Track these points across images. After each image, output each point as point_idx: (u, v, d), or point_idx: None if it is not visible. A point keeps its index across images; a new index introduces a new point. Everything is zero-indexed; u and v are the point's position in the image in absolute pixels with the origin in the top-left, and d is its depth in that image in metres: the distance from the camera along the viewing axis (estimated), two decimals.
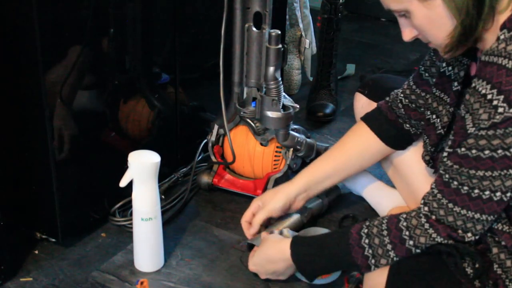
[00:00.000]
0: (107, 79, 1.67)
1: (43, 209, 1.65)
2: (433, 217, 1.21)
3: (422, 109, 1.50)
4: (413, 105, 1.52)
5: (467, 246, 1.22)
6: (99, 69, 1.64)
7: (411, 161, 1.61)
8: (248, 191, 1.88)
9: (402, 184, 1.67)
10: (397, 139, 1.58)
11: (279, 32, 1.71)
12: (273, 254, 1.45)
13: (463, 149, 1.17)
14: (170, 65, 1.86)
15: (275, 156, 1.86)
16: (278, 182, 1.85)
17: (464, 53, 1.25)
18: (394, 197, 1.74)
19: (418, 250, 1.24)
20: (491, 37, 1.19)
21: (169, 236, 1.72)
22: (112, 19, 1.61)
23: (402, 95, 1.54)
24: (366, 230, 1.28)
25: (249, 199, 1.89)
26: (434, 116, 1.43)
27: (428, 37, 1.24)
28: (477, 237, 1.22)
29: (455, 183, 1.19)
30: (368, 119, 1.60)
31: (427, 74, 1.49)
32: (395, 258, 1.26)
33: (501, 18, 1.17)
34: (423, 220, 1.23)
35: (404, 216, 1.25)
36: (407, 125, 1.55)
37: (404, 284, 1.26)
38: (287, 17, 2.48)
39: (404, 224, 1.24)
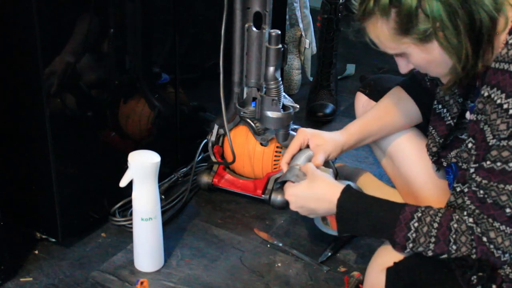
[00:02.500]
0: (107, 79, 1.67)
1: (43, 209, 1.65)
2: (478, 229, 1.18)
3: None
4: (436, 82, 1.52)
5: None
6: (99, 69, 1.64)
7: (412, 160, 1.61)
8: (248, 191, 1.88)
9: (402, 184, 1.67)
10: (428, 107, 1.55)
11: (279, 32, 1.71)
12: (322, 193, 1.37)
13: (488, 162, 1.16)
14: (170, 65, 1.86)
15: (275, 156, 1.86)
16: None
17: None
18: (394, 197, 1.74)
19: (455, 254, 1.21)
20: (489, 56, 1.19)
21: (169, 236, 1.72)
22: (112, 19, 1.61)
23: None
24: (419, 214, 1.24)
25: (249, 199, 1.89)
26: (440, 106, 1.43)
27: (426, 72, 1.26)
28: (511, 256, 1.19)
29: (490, 198, 1.17)
30: (405, 85, 1.59)
31: None
32: (430, 253, 1.23)
33: (501, 37, 1.17)
34: (470, 231, 1.20)
35: (457, 217, 1.22)
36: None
37: (403, 286, 1.26)
38: (287, 17, 2.48)
39: (455, 226, 1.21)
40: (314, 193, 1.39)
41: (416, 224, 1.23)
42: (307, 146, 1.58)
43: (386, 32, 1.19)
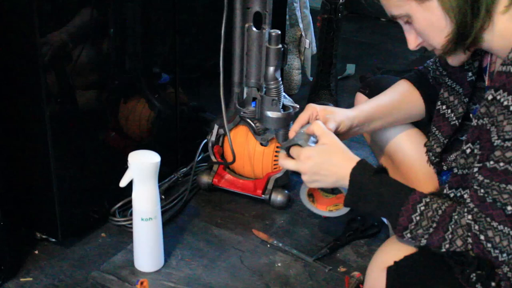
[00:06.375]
0: (107, 79, 1.67)
1: (43, 209, 1.65)
2: (476, 227, 1.19)
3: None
4: (438, 80, 1.53)
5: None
6: (99, 69, 1.64)
7: (411, 159, 1.61)
8: (248, 191, 1.88)
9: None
10: (433, 103, 1.55)
11: (279, 32, 1.71)
12: (338, 161, 1.34)
13: (491, 162, 1.16)
14: (170, 65, 1.87)
15: (275, 156, 1.86)
16: (278, 182, 1.86)
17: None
18: None
19: (448, 246, 1.21)
20: (489, 37, 1.20)
21: (169, 236, 1.72)
22: (112, 19, 1.61)
23: (431, 67, 1.55)
24: (428, 200, 1.24)
25: (249, 199, 1.90)
26: (444, 107, 1.43)
27: (430, 41, 1.25)
28: (510, 257, 1.19)
29: (490, 197, 1.17)
30: (411, 79, 1.59)
31: None
32: (427, 237, 1.23)
33: (502, 19, 1.18)
34: (468, 227, 1.20)
35: (458, 209, 1.22)
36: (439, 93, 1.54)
37: (404, 286, 1.26)
38: (287, 17, 2.48)
39: (456, 217, 1.21)
40: (331, 158, 1.36)
41: (422, 208, 1.24)
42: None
43: None
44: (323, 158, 1.36)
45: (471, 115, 1.39)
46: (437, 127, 1.46)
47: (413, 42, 1.28)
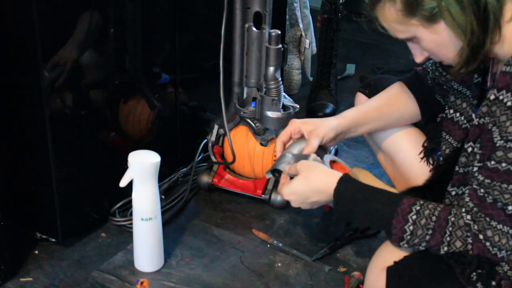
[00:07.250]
0: (107, 79, 1.67)
1: (43, 209, 1.65)
2: (475, 227, 1.19)
3: (445, 87, 1.51)
4: (438, 81, 1.53)
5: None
6: (99, 69, 1.64)
7: (412, 160, 1.61)
8: (248, 191, 1.88)
9: (402, 184, 1.67)
10: (428, 106, 1.56)
11: (279, 32, 1.71)
12: (319, 185, 1.36)
13: (492, 162, 1.17)
14: (170, 65, 1.87)
15: (275, 156, 1.85)
16: (278, 182, 1.85)
17: None
18: None
19: (447, 249, 1.22)
20: (500, 50, 1.20)
21: (169, 236, 1.72)
22: (112, 19, 1.61)
23: (430, 68, 1.55)
24: (418, 208, 1.23)
25: (249, 199, 1.89)
26: (451, 111, 1.43)
27: (439, 58, 1.25)
28: (508, 253, 1.20)
29: (490, 197, 1.17)
30: (407, 81, 1.59)
31: None
32: (424, 244, 1.23)
33: (509, 28, 1.18)
34: (467, 228, 1.20)
35: (455, 212, 1.22)
36: (438, 96, 1.54)
37: (404, 286, 1.26)
38: (287, 17, 2.48)
39: (452, 219, 1.21)
40: (311, 186, 1.38)
41: (414, 217, 1.23)
42: (302, 136, 1.55)
43: (394, 14, 1.20)
44: (304, 189, 1.38)
45: (473, 115, 1.39)
46: (447, 132, 1.45)
47: (419, 57, 1.28)
